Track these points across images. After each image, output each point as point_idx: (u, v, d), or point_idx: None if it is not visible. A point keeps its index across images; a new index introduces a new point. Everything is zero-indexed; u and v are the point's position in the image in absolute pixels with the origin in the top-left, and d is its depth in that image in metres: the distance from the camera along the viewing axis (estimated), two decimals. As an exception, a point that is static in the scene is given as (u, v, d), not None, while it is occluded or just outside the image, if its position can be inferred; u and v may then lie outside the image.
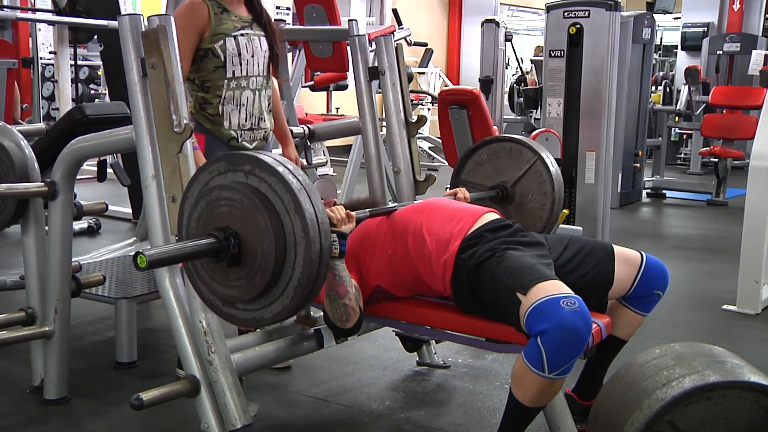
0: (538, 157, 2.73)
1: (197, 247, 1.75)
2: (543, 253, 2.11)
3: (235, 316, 1.87)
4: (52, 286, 2.61)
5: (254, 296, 1.78)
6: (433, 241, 2.14)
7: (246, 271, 1.77)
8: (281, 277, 1.74)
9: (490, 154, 2.83)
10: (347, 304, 2.06)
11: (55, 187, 2.57)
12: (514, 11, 14.35)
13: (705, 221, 6.51)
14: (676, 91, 8.91)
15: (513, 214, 2.76)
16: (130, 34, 2.17)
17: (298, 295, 1.74)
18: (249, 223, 1.74)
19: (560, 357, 1.81)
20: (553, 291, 1.86)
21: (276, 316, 1.79)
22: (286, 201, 1.72)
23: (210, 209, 1.80)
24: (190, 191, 1.87)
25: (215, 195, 1.79)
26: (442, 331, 2.16)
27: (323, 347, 2.50)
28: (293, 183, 1.72)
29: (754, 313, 3.79)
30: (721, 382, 1.74)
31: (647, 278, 2.20)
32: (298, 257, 1.71)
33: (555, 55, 5.02)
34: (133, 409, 2.05)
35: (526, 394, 1.90)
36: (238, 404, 2.10)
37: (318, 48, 4.13)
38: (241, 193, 1.75)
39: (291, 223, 1.72)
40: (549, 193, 2.70)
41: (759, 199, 3.75)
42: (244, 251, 1.76)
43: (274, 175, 1.73)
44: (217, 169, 1.81)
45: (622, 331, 2.27)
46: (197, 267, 1.87)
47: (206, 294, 1.89)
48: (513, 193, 2.76)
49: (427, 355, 3.02)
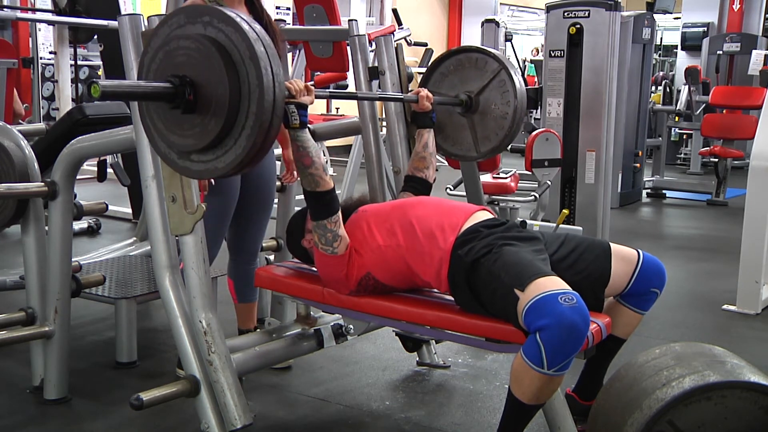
0: (502, 67, 2.77)
1: (153, 89, 1.80)
2: (539, 248, 2.11)
3: (189, 169, 1.89)
4: (52, 286, 2.61)
5: (208, 144, 1.80)
6: (425, 233, 2.15)
7: (201, 118, 1.79)
8: (235, 125, 1.77)
9: (456, 64, 2.86)
10: (313, 173, 2.12)
11: (55, 187, 2.57)
12: (514, 11, 14.36)
13: (705, 221, 6.51)
14: (676, 91, 8.91)
15: (476, 124, 2.83)
16: (130, 34, 2.18)
17: (250, 144, 1.76)
18: (205, 71, 1.77)
19: (559, 353, 1.80)
20: (551, 287, 1.86)
21: (229, 165, 1.80)
22: (242, 50, 1.74)
23: (168, 58, 1.83)
24: (150, 45, 1.89)
25: (173, 45, 1.83)
26: (442, 330, 2.16)
27: (323, 347, 2.50)
28: (249, 32, 1.75)
29: (754, 313, 3.79)
30: (721, 382, 1.74)
31: (644, 276, 2.19)
32: (252, 105, 1.74)
33: (555, 55, 5.02)
34: (133, 409, 2.06)
35: (525, 392, 1.90)
36: (238, 404, 2.10)
37: (318, 48, 4.13)
38: (198, 42, 1.78)
39: (246, 71, 1.74)
40: (511, 102, 2.75)
41: (759, 199, 3.75)
42: (199, 98, 1.79)
43: (231, 25, 1.76)
44: (177, 22, 1.85)
45: (621, 330, 2.27)
46: (154, 119, 1.90)
47: (162, 148, 1.92)
48: (477, 102, 2.81)
49: (427, 355, 3.02)
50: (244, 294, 2.87)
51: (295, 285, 2.43)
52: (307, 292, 2.38)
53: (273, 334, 2.48)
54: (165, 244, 2.23)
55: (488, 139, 2.82)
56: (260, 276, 2.52)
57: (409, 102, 2.67)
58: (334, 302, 2.30)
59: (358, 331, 2.48)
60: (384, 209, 2.33)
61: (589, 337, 1.94)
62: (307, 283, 2.38)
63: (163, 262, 2.22)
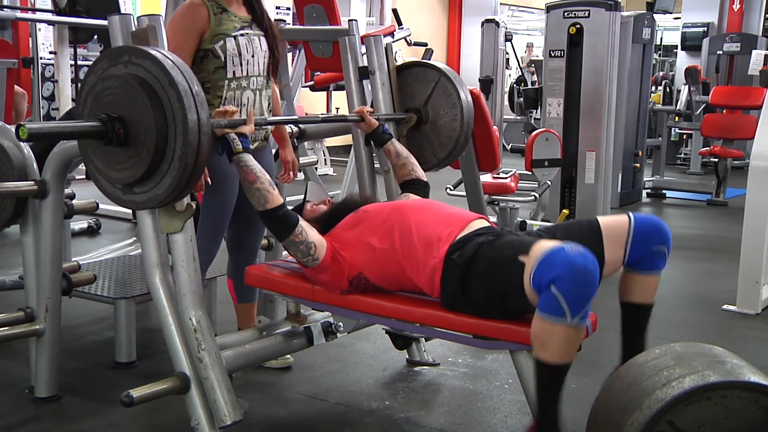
0: (441, 74, 2.92)
1: (81, 128, 1.94)
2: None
3: (135, 201, 2.03)
4: (43, 284, 2.62)
5: (144, 173, 1.93)
6: (422, 242, 2.16)
7: (134, 149, 1.94)
8: (166, 150, 1.91)
9: (401, 82, 3.00)
10: (260, 187, 2.19)
11: (45, 186, 2.57)
12: (514, 11, 14.35)
13: (705, 221, 6.51)
14: (676, 91, 8.91)
15: (431, 133, 2.96)
16: (120, 34, 2.19)
17: (183, 165, 1.89)
18: (130, 105, 1.91)
19: (579, 298, 1.80)
20: (553, 244, 1.88)
21: (168, 189, 1.94)
22: (161, 79, 1.89)
23: (96, 102, 1.97)
24: (81, 97, 2.03)
25: (99, 87, 1.97)
26: (431, 328, 2.17)
27: (313, 344, 2.51)
28: (166, 63, 1.89)
29: (754, 313, 3.79)
30: (721, 382, 1.74)
31: (640, 239, 2.11)
32: (178, 128, 1.88)
33: (555, 55, 5.03)
34: (123, 406, 2.07)
35: (554, 352, 1.87)
36: (228, 401, 2.12)
37: (318, 48, 4.14)
38: (121, 80, 1.93)
39: (168, 97, 1.88)
40: (457, 104, 2.89)
41: (759, 199, 3.74)
42: (129, 131, 1.93)
43: (149, 58, 1.91)
44: (102, 67, 1.99)
45: (641, 296, 2.18)
46: (94, 160, 2.03)
47: (107, 186, 2.07)
48: (426, 113, 2.96)
49: (417, 353, 3.03)
50: (244, 294, 2.87)
51: (285, 283, 2.44)
52: (297, 290, 2.40)
53: (263, 332, 2.49)
54: (155, 243, 2.23)
55: (444, 144, 2.96)
56: (251, 274, 2.53)
57: (354, 122, 2.76)
58: (324, 300, 2.32)
59: (347, 328, 2.50)
60: (384, 210, 2.33)
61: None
62: (298, 281, 2.40)
63: (153, 261, 2.23)
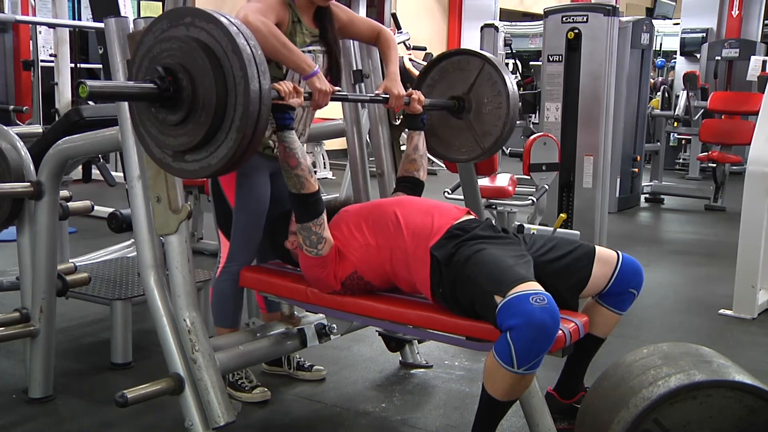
0: (485, 61, 2.79)
1: (141, 89, 1.84)
2: (521, 253, 2.13)
3: (185, 170, 1.93)
4: (38, 285, 2.62)
5: (200, 140, 1.84)
6: (410, 234, 2.17)
7: (192, 115, 1.84)
8: (224, 118, 1.82)
9: (441, 72, 2.88)
10: (299, 174, 2.14)
11: (40, 187, 2.57)
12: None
13: (703, 226, 6.51)
14: (674, 97, 8.93)
15: (474, 122, 2.82)
16: (116, 36, 2.19)
17: (241, 135, 1.79)
18: (191, 68, 1.81)
19: (529, 353, 1.83)
20: (524, 289, 1.88)
21: (222, 160, 1.84)
22: (224, 44, 1.78)
23: (153, 63, 1.88)
24: (137, 54, 1.93)
25: (157, 49, 1.88)
26: (424, 330, 2.18)
27: (306, 346, 2.51)
28: (231, 28, 1.79)
29: (750, 318, 3.79)
30: (706, 381, 1.75)
31: (623, 277, 2.21)
32: (239, 97, 1.78)
33: (553, 59, 5.04)
34: (118, 406, 2.08)
35: (497, 389, 1.93)
36: (221, 402, 2.13)
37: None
38: (181, 42, 1.83)
39: (230, 64, 1.78)
40: (502, 91, 2.76)
41: (755, 204, 3.75)
42: (188, 94, 1.83)
43: (212, 22, 1.81)
44: (160, 28, 1.89)
45: (599, 330, 2.28)
46: (147, 125, 1.94)
47: (157, 153, 1.96)
48: (469, 102, 2.81)
49: (410, 355, 3.04)
50: (272, 303, 2.83)
51: (279, 284, 2.44)
52: (291, 291, 2.40)
53: (257, 333, 2.49)
54: (150, 244, 2.24)
55: (489, 133, 2.82)
56: (245, 276, 2.53)
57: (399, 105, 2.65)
58: (318, 302, 2.32)
59: (341, 330, 2.50)
60: (365, 208, 2.35)
61: (566, 335, 1.96)
62: (292, 283, 2.40)
63: (148, 262, 2.24)
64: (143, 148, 2.02)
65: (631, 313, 2.46)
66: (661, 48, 12.97)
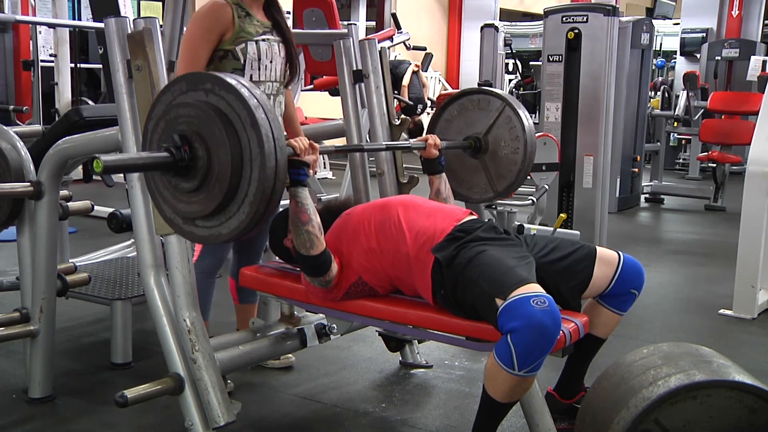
0: (506, 104, 2.78)
1: (156, 159, 1.80)
2: (523, 254, 2.12)
3: (194, 234, 1.90)
4: (38, 285, 2.62)
5: (212, 211, 1.81)
6: (412, 237, 2.17)
7: (206, 185, 1.81)
8: (238, 191, 1.79)
9: (460, 108, 2.87)
10: (310, 230, 2.11)
11: (40, 187, 2.57)
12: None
13: (703, 226, 6.52)
14: (674, 97, 8.93)
15: (489, 163, 2.82)
16: (116, 36, 2.19)
17: (254, 210, 1.77)
18: (207, 136, 1.77)
19: (529, 355, 1.83)
20: (524, 291, 1.88)
21: (233, 231, 1.82)
22: (243, 117, 1.76)
23: (169, 128, 1.84)
24: (153, 112, 1.89)
25: (174, 113, 1.83)
26: (424, 330, 2.18)
27: (306, 346, 2.51)
28: (251, 100, 1.76)
29: (750, 318, 3.79)
30: (706, 381, 1.75)
31: (624, 278, 2.22)
32: (254, 172, 1.75)
33: (553, 59, 5.04)
34: (118, 406, 2.08)
35: (498, 391, 1.93)
36: (221, 402, 2.13)
37: (317, 52, 4.14)
38: (199, 109, 1.79)
39: (248, 138, 1.75)
40: (521, 137, 2.75)
41: (755, 204, 3.75)
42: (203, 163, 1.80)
43: (233, 93, 1.77)
44: (179, 89, 1.85)
45: (600, 330, 2.29)
46: (160, 188, 1.91)
47: (168, 213, 1.93)
48: (486, 143, 2.80)
49: (410, 355, 3.04)
50: (246, 295, 2.87)
51: (279, 284, 2.44)
52: (291, 291, 2.40)
53: (257, 333, 2.49)
54: (150, 244, 2.24)
55: (503, 177, 2.81)
56: (245, 275, 2.53)
57: (418, 149, 2.65)
58: (318, 302, 2.32)
59: (341, 330, 2.50)
60: (370, 208, 2.33)
61: (567, 336, 1.97)
62: (291, 283, 2.40)
63: (147, 262, 2.24)
64: (154, 204, 1.99)
65: (631, 313, 2.46)
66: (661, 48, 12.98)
